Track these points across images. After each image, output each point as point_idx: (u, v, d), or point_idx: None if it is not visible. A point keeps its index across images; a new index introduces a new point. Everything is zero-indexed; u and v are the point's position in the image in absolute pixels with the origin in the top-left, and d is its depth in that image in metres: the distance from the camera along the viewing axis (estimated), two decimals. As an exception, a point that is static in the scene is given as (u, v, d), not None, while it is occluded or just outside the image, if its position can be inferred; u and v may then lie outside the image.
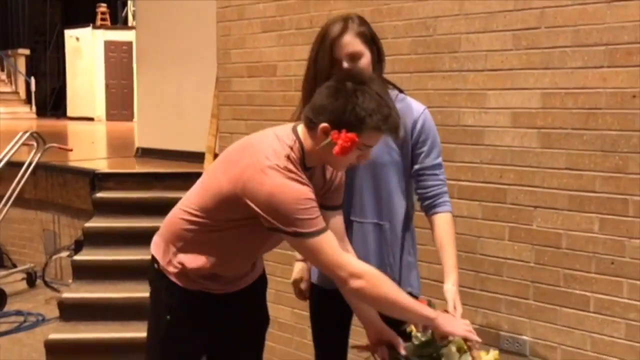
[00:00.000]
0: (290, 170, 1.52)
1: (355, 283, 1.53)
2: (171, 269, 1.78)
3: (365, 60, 1.76)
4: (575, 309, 2.34)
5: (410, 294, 1.83)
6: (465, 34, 2.50)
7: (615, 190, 2.22)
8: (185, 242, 1.74)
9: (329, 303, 1.99)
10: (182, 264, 1.75)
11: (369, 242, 1.87)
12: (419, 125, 1.80)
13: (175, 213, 1.80)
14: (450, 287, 1.79)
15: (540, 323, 2.42)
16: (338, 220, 1.74)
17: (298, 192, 1.51)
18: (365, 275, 1.54)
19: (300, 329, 3.17)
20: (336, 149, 1.50)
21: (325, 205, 1.71)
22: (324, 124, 1.51)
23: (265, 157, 1.53)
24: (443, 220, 1.83)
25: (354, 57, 1.75)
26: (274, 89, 3.16)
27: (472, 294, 2.57)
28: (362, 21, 1.80)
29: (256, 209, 1.53)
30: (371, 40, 1.78)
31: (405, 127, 1.77)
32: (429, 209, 1.85)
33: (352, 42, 1.75)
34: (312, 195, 1.55)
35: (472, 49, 2.49)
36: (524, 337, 2.46)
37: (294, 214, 1.50)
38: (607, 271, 2.26)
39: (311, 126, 1.55)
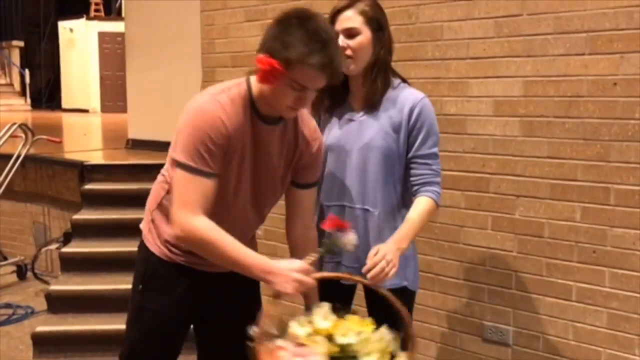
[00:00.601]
0: (221, 101, 1.52)
1: (176, 230, 1.52)
2: (149, 238, 1.77)
3: (362, 39, 1.74)
4: (558, 298, 2.34)
5: (406, 288, 1.82)
6: (448, 21, 2.47)
7: (597, 179, 2.21)
8: (160, 208, 1.72)
9: (321, 291, 1.95)
10: (157, 231, 1.72)
11: (357, 228, 1.81)
12: (415, 113, 1.77)
13: (156, 179, 1.79)
14: (387, 245, 1.67)
15: (523, 312, 2.41)
16: (308, 196, 1.74)
17: (214, 120, 1.50)
18: (188, 231, 1.50)
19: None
20: (258, 75, 1.48)
21: (298, 183, 1.71)
22: (258, 55, 1.48)
23: (200, 94, 1.56)
24: (418, 201, 1.76)
25: (350, 33, 1.74)
26: (258, 78, 3.14)
27: (455, 284, 2.56)
28: (374, 3, 1.78)
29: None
30: (375, 22, 1.75)
31: (402, 113, 1.76)
32: (414, 196, 1.81)
33: (350, 18, 1.74)
34: (225, 133, 1.51)
35: (455, 37, 2.46)
36: (507, 327, 2.45)
37: (193, 142, 1.50)
38: (589, 260, 2.25)
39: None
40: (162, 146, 5.48)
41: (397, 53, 2.60)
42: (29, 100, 14.98)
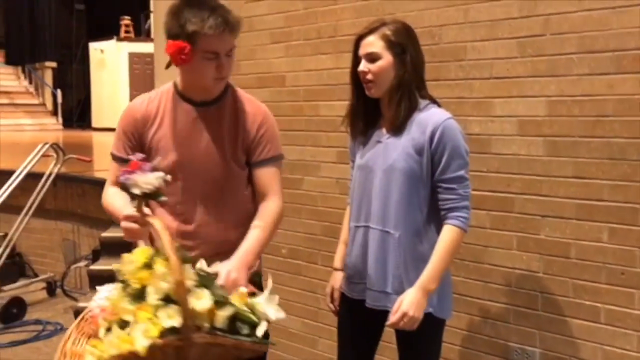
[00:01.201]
0: (140, 98, 1.85)
1: None
2: None
3: (383, 63, 1.77)
4: (586, 320, 2.29)
5: (431, 315, 1.80)
6: (471, 42, 2.48)
7: (624, 199, 2.18)
8: None
9: (353, 314, 1.96)
10: None
11: (370, 248, 1.85)
12: (437, 135, 1.75)
13: None
14: (411, 293, 1.74)
15: (550, 334, 2.38)
16: (263, 173, 1.83)
17: (128, 109, 1.85)
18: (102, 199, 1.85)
19: (310, 339, 3.16)
20: (176, 63, 1.67)
21: (251, 162, 1.83)
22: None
23: None
24: (443, 232, 1.79)
25: (371, 57, 1.79)
26: (283, 99, 3.18)
27: (480, 304, 2.54)
28: (398, 27, 1.80)
29: None
30: (397, 46, 1.77)
31: (424, 135, 1.76)
32: (442, 221, 1.81)
33: (372, 43, 1.78)
34: (132, 120, 1.82)
35: (478, 57, 2.47)
36: (534, 349, 2.42)
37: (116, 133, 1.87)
38: (618, 282, 2.21)
39: None
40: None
41: (420, 73, 2.63)
42: (60, 119, 15.36)
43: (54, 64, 15.97)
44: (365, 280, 1.86)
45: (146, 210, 1.56)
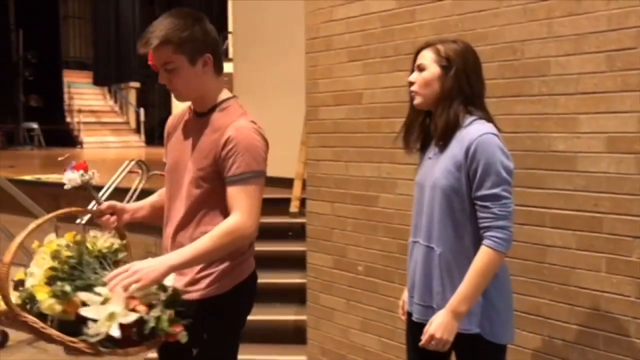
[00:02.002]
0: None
1: None
2: None
3: (427, 74, 1.82)
4: (684, 349, 2.16)
5: (479, 336, 1.77)
6: (555, 56, 2.41)
7: None
8: None
9: (412, 333, 1.97)
10: None
11: (417, 263, 1.89)
12: (471, 152, 1.74)
13: None
14: (441, 316, 1.74)
15: (643, 363, 2.25)
16: (230, 191, 1.78)
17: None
18: None
19: (387, 357, 3.13)
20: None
21: (224, 178, 1.80)
22: None
23: None
24: (477, 253, 1.75)
25: (420, 68, 1.85)
26: (360, 116, 3.20)
27: (566, 328, 2.43)
28: (451, 44, 1.83)
29: None
30: (444, 60, 1.81)
31: (462, 151, 1.76)
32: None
33: (423, 55, 1.85)
34: (165, 130, 2.04)
35: (563, 72, 2.40)
36: (626, 377, 2.29)
37: None
38: None
39: None
40: (266, 181, 5.68)
41: (501, 89, 2.59)
42: (143, 137, 16.07)
43: (137, 85, 16.78)
44: (412, 293, 1.92)
45: (102, 205, 1.91)
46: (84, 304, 1.46)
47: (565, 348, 2.44)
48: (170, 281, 1.64)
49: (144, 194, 5.12)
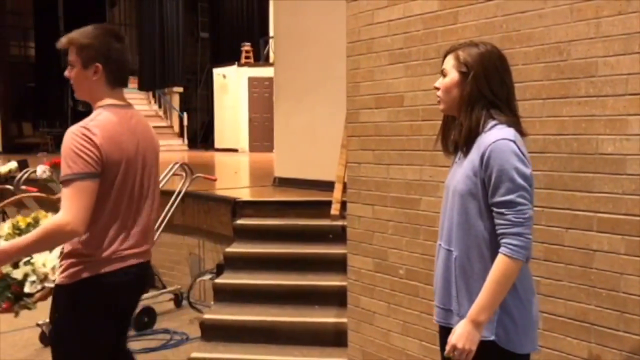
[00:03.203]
0: None
1: None
2: None
3: (447, 80, 1.84)
4: None
5: (494, 343, 1.75)
6: (603, 57, 2.36)
7: None
8: None
9: (441, 339, 1.96)
10: None
11: (438, 265, 1.91)
12: (485, 157, 1.73)
13: None
14: (462, 326, 1.74)
15: (697, 372, 2.17)
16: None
17: None
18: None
19: (428, 362, 3.11)
20: None
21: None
22: None
23: None
24: (495, 261, 1.73)
25: (442, 74, 1.88)
26: (401, 119, 3.19)
27: (615, 336, 2.37)
28: (472, 49, 1.82)
29: None
30: (463, 66, 1.81)
31: (479, 156, 1.75)
32: None
33: (447, 61, 1.87)
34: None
35: (611, 73, 2.34)
36: (678, 387, 2.21)
37: None
38: None
39: None
40: (307, 184, 5.75)
41: (547, 91, 2.54)
42: (186, 140, 16.36)
43: (180, 89, 17.10)
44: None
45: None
46: None
47: (613, 356, 2.38)
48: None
49: (188, 196, 5.22)
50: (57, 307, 2.15)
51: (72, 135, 1.98)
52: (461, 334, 1.72)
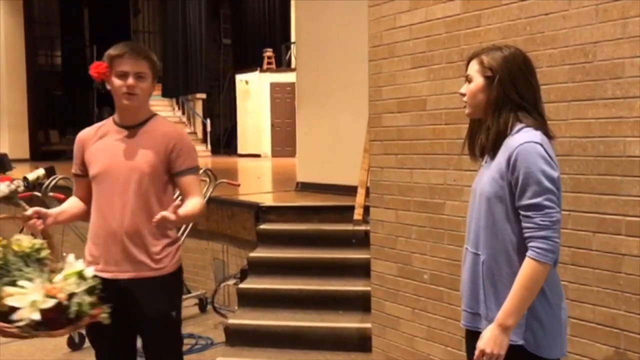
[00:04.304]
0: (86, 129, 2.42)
1: None
2: None
3: (473, 85, 1.84)
4: None
5: (522, 348, 1.74)
6: (630, 58, 2.32)
7: None
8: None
9: (468, 343, 1.95)
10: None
11: (465, 269, 1.90)
12: (512, 160, 1.72)
13: None
14: (489, 331, 1.72)
15: None
16: (184, 181, 2.28)
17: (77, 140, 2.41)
18: None
19: (453, 367, 3.08)
20: (93, 78, 2.23)
21: (175, 172, 2.27)
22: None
23: None
24: (522, 265, 1.72)
25: (467, 79, 1.88)
26: (424, 123, 3.18)
27: (646, 342, 2.32)
28: (496, 53, 1.81)
29: None
30: (487, 71, 1.80)
31: (506, 159, 1.74)
32: None
33: (470, 66, 1.88)
34: (77, 142, 2.39)
35: (638, 74, 2.30)
36: None
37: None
38: None
39: None
40: (330, 189, 5.75)
41: (572, 93, 2.51)
42: (209, 146, 16.49)
43: (203, 96, 17.24)
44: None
45: (28, 211, 2.11)
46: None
47: (643, 362, 2.33)
48: (90, 271, 1.94)
49: (212, 201, 5.26)
50: (171, 295, 2.35)
51: (183, 133, 2.40)
52: (489, 339, 1.71)
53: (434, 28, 3.09)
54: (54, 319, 1.76)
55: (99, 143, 2.32)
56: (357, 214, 4.36)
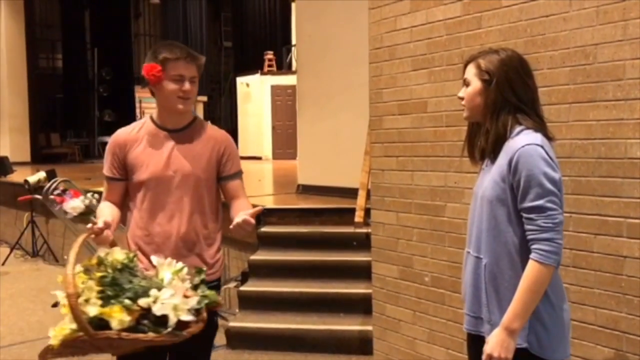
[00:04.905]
0: (122, 129, 2.26)
1: None
2: None
3: (470, 89, 1.84)
4: None
5: (526, 351, 1.73)
6: (630, 60, 2.32)
7: None
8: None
9: (468, 344, 1.94)
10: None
11: (467, 273, 1.89)
12: (513, 163, 1.72)
13: None
14: (496, 335, 1.71)
15: None
16: (233, 185, 2.25)
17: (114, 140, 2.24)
18: None
19: (455, 370, 3.07)
20: (149, 80, 2.12)
21: (224, 176, 2.23)
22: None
23: None
24: (526, 268, 1.71)
25: (464, 83, 1.87)
26: (425, 125, 3.18)
27: (648, 344, 2.32)
28: (492, 56, 1.81)
29: None
30: (485, 74, 1.80)
31: (507, 162, 1.73)
32: None
33: (467, 70, 1.87)
34: (116, 145, 2.21)
35: (639, 76, 2.30)
36: None
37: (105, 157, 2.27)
38: None
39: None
40: (331, 191, 5.75)
41: (573, 94, 2.51)
42: (210, 149, 16.47)
43: (205, 98, 17.27)
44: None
45: (99, 223, 1.94)
46: (143, 309, 1.64)
47: (646, 364, 2.33)
48: (185, 269, 1.83)
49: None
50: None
51: (230, 137, 2.32)
52: (496, 343, 1.70)
53: (435, 30, 3.09)
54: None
55: (144, 146, 2.20)
56: (358, 217, 4.36)
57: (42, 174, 5.85)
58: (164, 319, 1.63)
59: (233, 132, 16.51)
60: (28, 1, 14.14)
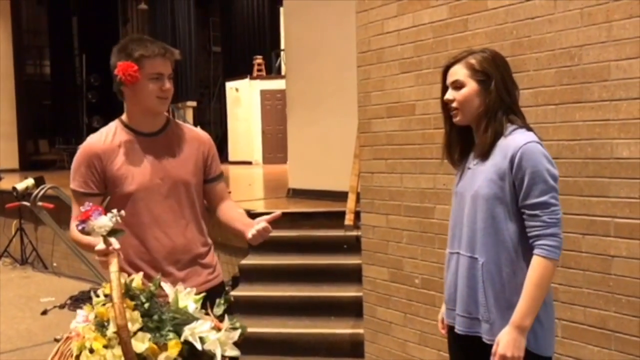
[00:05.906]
0: (92, 137, 2.05)
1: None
2: None
3: (467, 91, 1.78)
4: None
5: (527, 351, 1.72)
6: (615, 61, 2.34)
7: None
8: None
9: (456, 346, 1.94)
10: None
11: (459, 275, 1.85)
12: (516, 160, 1.71)
13: None
14: (506, 333, 1.70)
15: None
16: (219, 187, 2.15)
17: (85, 151, 2.01)
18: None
19: (446, 372, 3.08)
20: (125, 80, 1.92)
21: (210, 178, 2.12)
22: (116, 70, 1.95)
23: None
24: (531, 264, 1.71)
25: (456, 85, 1.81)
26: (413, 127, 3.19)
27: (636, 342, 2.33)
28: (485, 56, 1.79)
29: None
30: (481, 74, 1.77)
31: (506, 160, 1.72)
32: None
33: (456, 72, 1.81)
34: (93, 156, 1.98)
35: (624, 77, 2.32)
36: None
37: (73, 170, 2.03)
38: None
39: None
40: (321, 195, 5.74)
41: (559, 95, 2.53)
42: (200, 154, 16.42)
43: (194, 103, 17.21)
44: (456, 306, 1.87)
45: (114, 243, 1.60)
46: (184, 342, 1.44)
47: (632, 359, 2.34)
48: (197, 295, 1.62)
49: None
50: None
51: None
52: (508, 342, 1.69)
53: (422, 33, 3.10)
54: None
55: (124, 156, 2.00)
56: (348, 220, 4.36)
57: (30, 181, 5.81)
58: (203, 355, 1.44)
59: (223, 136, 16.51)
60: (15, 7, 14.06)
